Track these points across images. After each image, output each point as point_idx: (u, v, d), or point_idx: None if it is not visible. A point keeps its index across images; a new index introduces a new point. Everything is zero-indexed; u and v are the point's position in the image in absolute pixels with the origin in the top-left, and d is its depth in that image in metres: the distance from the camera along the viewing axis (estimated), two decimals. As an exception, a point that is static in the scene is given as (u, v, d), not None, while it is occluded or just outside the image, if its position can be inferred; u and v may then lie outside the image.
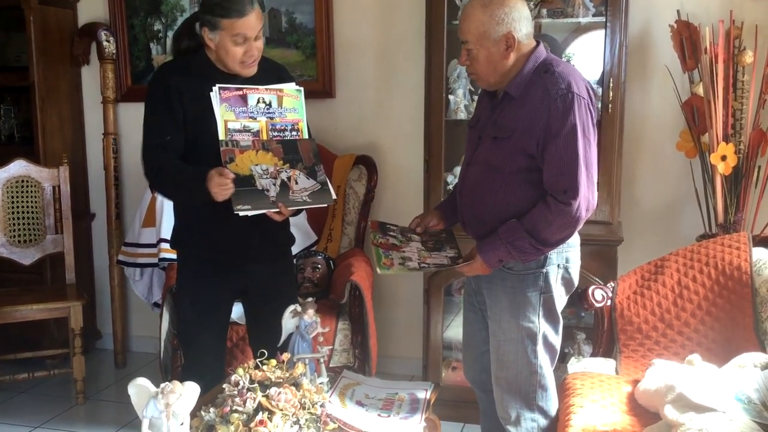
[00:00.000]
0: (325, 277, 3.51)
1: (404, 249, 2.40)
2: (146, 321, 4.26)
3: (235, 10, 2.33)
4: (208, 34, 2.39)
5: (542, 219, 2.17)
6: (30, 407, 3.68)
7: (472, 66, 2.25)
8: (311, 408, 2.02)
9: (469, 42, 2.21)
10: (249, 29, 2.36)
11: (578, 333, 3.33)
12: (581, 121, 2.14)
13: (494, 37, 2.18)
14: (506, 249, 2.21)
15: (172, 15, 4.08)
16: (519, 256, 2.23)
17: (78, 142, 4.30)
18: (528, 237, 2.18)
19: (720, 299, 2.59)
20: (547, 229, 2.17)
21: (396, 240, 2.44)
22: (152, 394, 1.78)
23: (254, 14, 2.37)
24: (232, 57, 2.40)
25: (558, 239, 2.21)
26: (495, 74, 2.24)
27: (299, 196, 2.39)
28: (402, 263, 2.35)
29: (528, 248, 2.20)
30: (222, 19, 2.34)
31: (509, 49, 2.19)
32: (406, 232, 2.49)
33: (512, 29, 2.17)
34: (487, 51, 2.20)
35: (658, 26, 3.37)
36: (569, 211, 2.14)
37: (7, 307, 3.54)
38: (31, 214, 3.82)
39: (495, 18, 2.17)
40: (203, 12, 2.39)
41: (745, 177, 3.12)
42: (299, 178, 2.42)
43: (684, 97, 3.27)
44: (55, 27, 4.07)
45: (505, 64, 2.22)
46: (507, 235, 2.21)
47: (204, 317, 2.61)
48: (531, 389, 2.35)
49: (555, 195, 2.16)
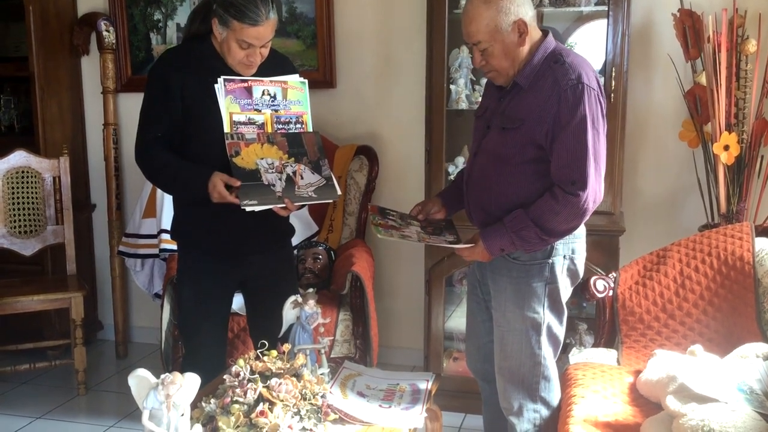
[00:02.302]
0: (326, 267, 3.50)
1: (404, 230, 2.40)
2: (147, 312, 4.27)
3: (250, 17, 2.29)
4: (217, 26, 2.37)
5: (549, 209, 2.16)
6: (31, 398, 3.69)
7: (489, 63, 2.23)
8: (312, 399, 2.02)
9: (482, 42, 2.19)
10: (256, 39, 2.34)
11: (580, 323, 3.32)
12: (591, 113, 2.13)
13: (506, 28, 2.16)
14: (510, 238, 2.21)
15: (172, 5, 4.06)
16: (523, 246, 2.22)
17: (78, 132, 4.29)
18: (534, 227, 2.17)
19: (722, 290, 2.59)
20: (553, 220, 2.17)
21: (395, 223, 2.43)
22: (153, 385, 1.78)
23: (268, 25, 2.33)
24: (232, 56, 2.38)
25: (564, 230, 2.20)
26: (513, 66, 2.22)
27: (305, 191, 2.38)
28: (401, 238, 2.36)
29: (533, 238, 2.19)
30: (234, 20, 2.31)
31: (523, 35, 2.18)
32: (405, 218, 2.48)
33: (520, 15, 2.17)
34: (502, 44, 2.18)
35: (661, 15, 3.36)
36: (577, 203, 2.13)
37: (8, 298, 3.54)
38: (31, 204, 3.81)
39: (502, 9, 2.15)
40: (218, 4, 2.34)
41: (747, 167, 3.11)
42: (304, 172, 2.42)
43: (687, 86, 3.25)
44: (55, 17, 4.05)
45: (521, 53, 2.20)
46: (513, 224, 2.20)
47: (205, 308, 2.60)
48: (534, 380, 2.34)
49: (563, 186, 2.15)
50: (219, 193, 2.31)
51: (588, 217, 2.21)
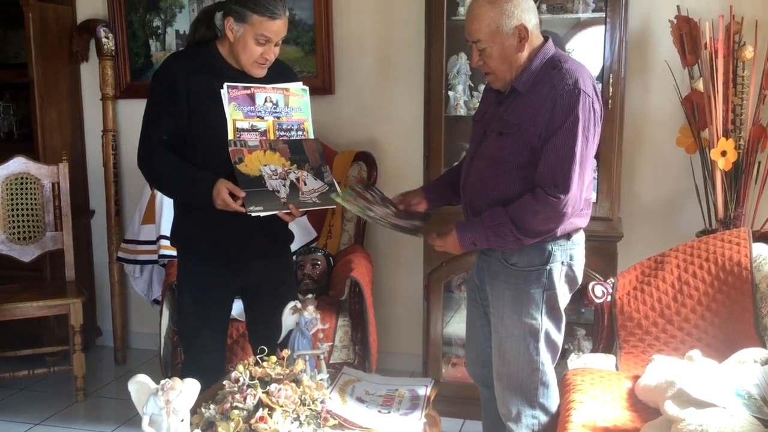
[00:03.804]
0: (324, 273, 3.50)
1: (373, 206, 2.40)
2: (146, 318, 4.26)
3: (269, 9, 2.32)
4: (232, 24, 2.36)
5: (529, 209, 2.17)
6: (30, 404, 3.68)
7: (486, 65, 2.24)
8: (311, 404, 2.02)
9: (481, 41, 2.20)
10: (275, 33, 2.36)
11: (578, 329, 3.33)
12: (583, 119, 2.13)
13: (507, 31, 2.17)
14: (485, 234, 2.22)
15: (171, 11, 4.08)
16: (496, 242, 2.23)
17: (77, 139, 4.30)
18: (510, 224, 2.18)
19: (720, 295, 2.59)
20: (531, 220, 2.17)
21: (371, 198, 2.43)
22: (152, 391, 1.78)
23: (284, 20, 2.37)
24: (248, 54, 2.38)
25: (539, 231, 2.20)
26: (510, 70, 2.23)
27: (309, 197, 2.40)
28: (362, 210, 2.36)
29: (508, 235, 2.20)
30: (253, 14, 2.32)
31: (523, 41, 2.19)
32: (386, 201, 2.48)
33: (523, 20, 2.17)
34: (500, 46, 2.19)
35: (658, 21, 3.37)
36: (557, 205, 2.14)
37: (7, 304, 3.54)
38: (30, 211, 3.81)
39: (506, 12, 2.16)
40: (234, 1, 2.36)
41: (745, 172, 3.12)
42: (307, 179, 2.44)
43: (684, 92, 3.26)
44: (54, 24, 4.06)
45: (519, 58, 2.21)
46: (490, 219, 2.22)
47: (204, 314, 2.61)
48: (532, 386, 2.34)
49: (545, 188, 2.16)
50: (223, 200, 2.32)
51: (564, 223, 2.20)
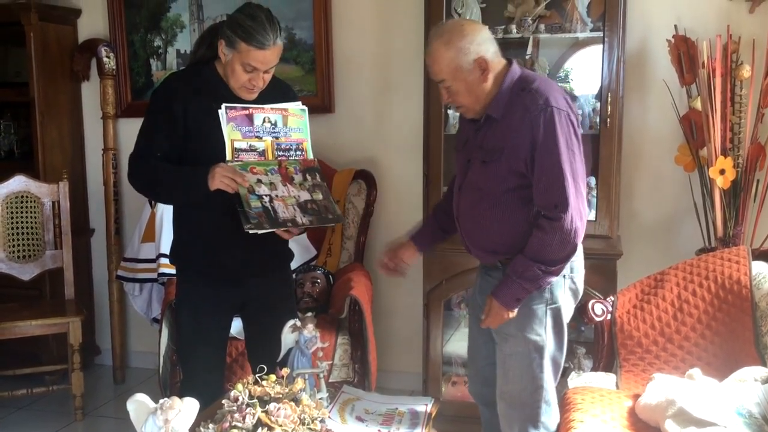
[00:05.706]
0: (324, 291, 3.50)
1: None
2: (145, 336, 4.25)
3: (257, 40, 2.31)
4: (223, 48, 2.38)
5: (541, 243, 2.19)
6: (28, 423, 3.66)
7: (455, 100, 2.28)
8: (311, 423, 2.01)
9: (445, 80, 2.24)
10: (261, 63, 2.35)
11: (578, 347, 3.32)
12: (563, 134, 2.15)
13: (467, 67, 2.20)
14: (519, 284, 2.22)
15: (172, 31, 4.10)
16: (533, 286, 2.23)
17: (78, 157, 4.31)
18: (534, 265, 2.20)
19: (720, 313, 2.59)
20: (549, 251, 2.19)
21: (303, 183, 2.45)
22: (151, 410, 1.78)
23: (274, 50, 2.35)
24: (235, 79, 2.39)
25: (563, 256, 2.21)
26: (479, 101, 2.26)
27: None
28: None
29: (540, 275, 2.21)
30: (241, 42, 2.32)
31: (485, 72, 2.22)
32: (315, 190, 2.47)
33: (480, 53, 2.20)
34: (464, 82, 2.22)
35: (656, 41, 3.39)
36: (562, 226, 2.15)
37: (6, 322, 3.53)
38: (30, 229, 3.82)
39: (462, 50, 2.19)
40: (227, 25, 2.37)
41: (743, 191, 3.12)
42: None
43: (682, 111, 3.28)
44: (55, 43, 4.09)
45: (485, 88, 2.24)
46: (515, 270, 2.23)
47: (203, 332, 2.60)
48: (535, 405, 2.34)
49: (546, 212, 2.18)
50: (221, 174, 2.29)
51: (581, 237, 2.22)
